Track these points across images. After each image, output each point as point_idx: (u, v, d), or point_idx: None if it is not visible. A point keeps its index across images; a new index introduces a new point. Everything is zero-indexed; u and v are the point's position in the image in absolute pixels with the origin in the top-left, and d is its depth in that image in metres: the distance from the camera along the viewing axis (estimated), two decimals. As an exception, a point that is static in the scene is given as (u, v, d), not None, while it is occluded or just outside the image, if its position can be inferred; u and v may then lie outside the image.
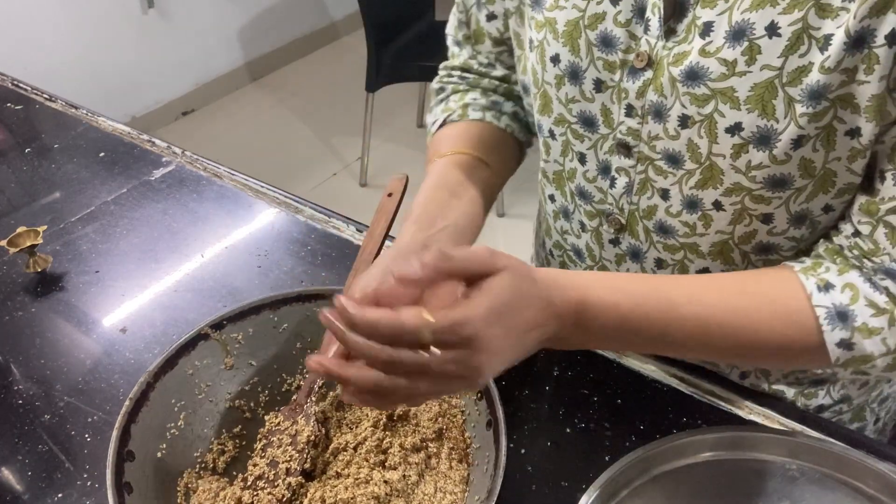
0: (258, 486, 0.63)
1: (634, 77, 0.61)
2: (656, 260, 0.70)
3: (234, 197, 1.02)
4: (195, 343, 0.69)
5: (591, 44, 0.62)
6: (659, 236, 0.68)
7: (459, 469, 0.63)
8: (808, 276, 0.58)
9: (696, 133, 0.58)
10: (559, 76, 0.65)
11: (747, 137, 0.56)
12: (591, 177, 0.70)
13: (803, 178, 0.58)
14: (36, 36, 2.69)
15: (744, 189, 0.59)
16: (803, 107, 0.53)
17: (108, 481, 0.57)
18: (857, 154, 0.55)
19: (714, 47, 0.55)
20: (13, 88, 1.32)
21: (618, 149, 0.66)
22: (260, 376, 0.72)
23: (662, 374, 0.73)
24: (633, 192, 0.67)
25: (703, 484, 0.60)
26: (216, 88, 3.37)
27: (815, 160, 0.56)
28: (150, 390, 0.65)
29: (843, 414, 0.79)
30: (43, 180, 1.09)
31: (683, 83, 0.57)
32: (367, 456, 0.63)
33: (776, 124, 0.54)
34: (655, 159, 0.63)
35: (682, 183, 0.62)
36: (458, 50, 0.83)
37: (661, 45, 0.58)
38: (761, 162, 0.57)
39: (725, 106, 0.55)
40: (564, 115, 0.68)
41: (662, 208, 0.66)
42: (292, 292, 0.72)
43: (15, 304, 0.87)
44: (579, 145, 0.69)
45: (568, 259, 0.80)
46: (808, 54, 0.52)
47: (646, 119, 0.62)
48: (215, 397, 0.70)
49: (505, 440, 0.58)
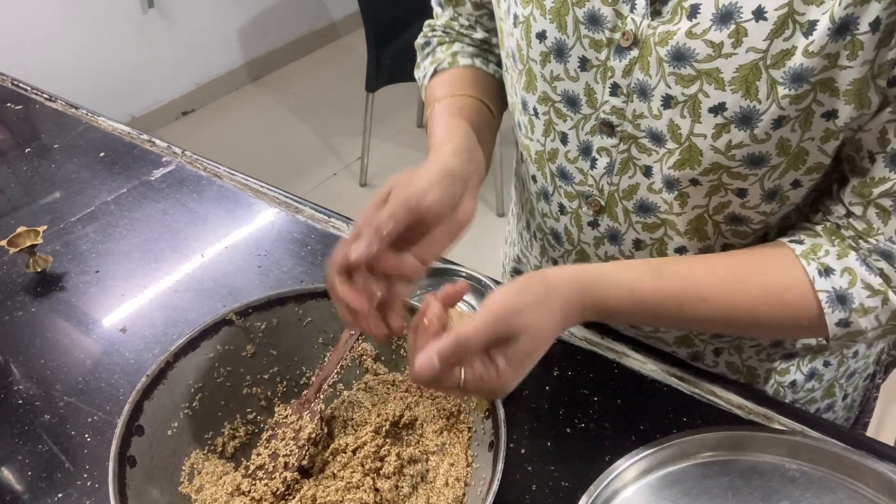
0: (257, 475, 0.64)
1: (621, 56, 0.61)
2: (634, 241, 0.71)
3: (234, 197, 1.02)
4: (219, 328, 0.69)
5: (578, 21, 0.62)
6: (638, 216, 0.69)
7: (455, 487, 0.62)
8: (810, 261, 0.60)
9: (679, 113, 0.60)
10: (545, 53, 0.66)
11: (730, 117, 0.58)
12: (573, 157, 0.71)
13: (779, 157, 0.60)
14: (36, 36, 2.69)
15: (721, 167, 0.61)
16: (785, 89, 0.55)
17: (112, 451, 0.58)
18: (831, 135, 0.58)
19: (701, 29, 0.56)
20: (13, 88, 1.32)
21: (601, 128, 0.66)
22: (280, 367, 0.73)
23: (662, 374, 0.73)
24: (613, 172, 0.68)
25: (703, 484, 0.60)
26: (216, 88, 3.37)
27: (791, 140, 0.58)
28: (168, 369, 0.66)
29: (814, 391, 0.82)
30: (43, 180, 1.09)
31: (670, 63, 0.58)
32: (363, 461, 0.63)
33: (758, 105, 0.56)
34: (640, 137, 0.64)
35: (662, 162, 0.64)
36: (440, 10, 0.85)
37: (646, 25, 0.59)
38: (741, 141, 0.59)
39: (710, 86, 0.57)
40: (548, 94, 0.68)
41: (645, 185, 0.67)
42: (319, 287, 0.72)
43: (15, 304, 0.87)
44: (562, 125, 0.69)
45: (547, 243, 0.81)
46: (792, 38, 0.53)
47: (631, 97, 0.62)
48: (233, 383, 0.71)
49: (502, 464, 0.57)
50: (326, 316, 0.73)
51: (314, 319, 0.73)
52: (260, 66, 3.53)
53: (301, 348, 0.73)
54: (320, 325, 0.73)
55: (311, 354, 0.73)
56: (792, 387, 0.80)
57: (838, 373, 0.82)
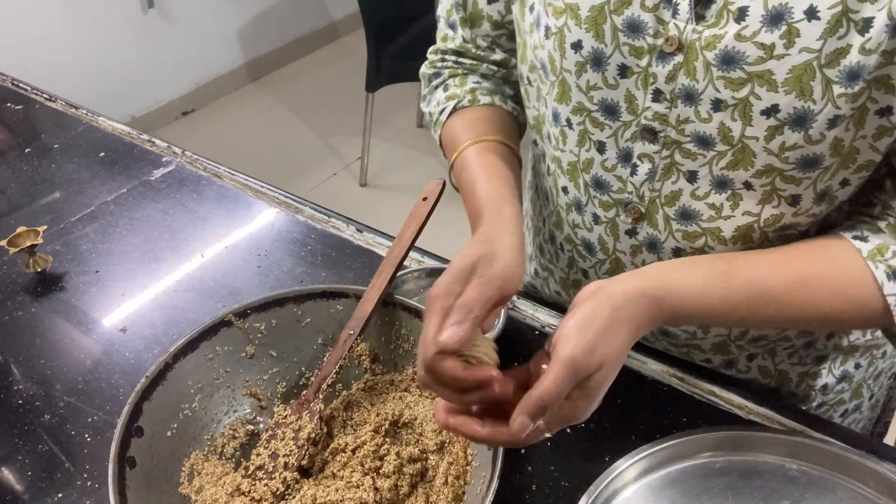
0: (257, 475, 0.64)
1: (664, 62, 0.60)
2: (674, 250, 0.70)
3: (234, 197, 1.02)
4: (217, 329, 0.70)
5: (616, 29, 0.61)
6: (679, 223, 0.68)
7: (455, 486, 0.62)
8: (877, 264, 0.60)
9: (730, 116, 0.59)
10: (581, 63, 0.65)
11: (783, 119, 0.57)
12: (611, 165, 0.69)
13: (832, 157, 0.59)
14: (36, 36, 2.69)
15: (775, 170, 0.60)
16: (841, 87, 0.55)
17: (112, 452, 0.58)
18: (884, 132, 0.57)
19: (750, 31, 0.55)
20: (13, 88, 1.32)
21: (642, 135, 0.65)
22: (279, 367, 0.73)
23: (662, 374, 0.73)
24: (655, 178, 0.67)
25: (703, 484, 0.60)
26: (216, 88, 3.37)
27: (844, 139, 0.58)
28: (167, 370, 0.66)
29: (843, 393, 0.81)
30: (43, 180, 1.09)
31: (718, 67, 0.57)
32: (362, 460, 0.63)
33: (813, 105, 0.56)
34: (684, 142, 0.63)
35: (713, 164, 0.63)
36: (452, 33, 0.82)
37: (690, 29, 0.58)
38: (796, 143, 0.58)
39: (762, 89, 0.57)
40: (584, 104, 0.67)
41: (688, 192, 0.66)
42: (317, 288, 0.73)
43: (15, 304, 0.87)
44: (598, 134, 0.68)
45: (577, 254, 0.80)
46: (847, 36, 0.53)
47: (675, 103, 0.62)
48: (233, 384, 0.71)
49: (502, 462, 0.57)
50: (325, 316, 0.73)
51: (313, 320, 0.73)
52: (260, 66, 3.53)
53: (300, 349, 0.73)
54: (319, 326, 0.73)
55: (310, 355, 0.73)
56: (823, 390, 0.79)
57: (867, 374, 0.81)
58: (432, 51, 0.84)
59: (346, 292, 0.72)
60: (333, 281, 0.87)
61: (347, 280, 0.87)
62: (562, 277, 0.85)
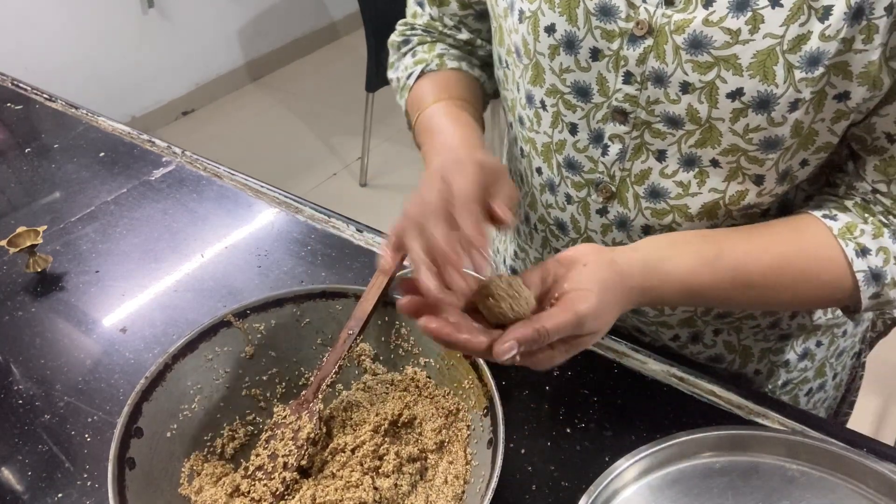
0: (257, 476, 0.64)
1: (634, 45, 0.62)
2: (643, 227, 0.72)
3: (234, 197, 1.02)
4: (217, 329, 0.70)
5: (589, 13, 0.63)
6: (648, 201, 0.70)
7: (454, 485, 0.62)
8: (847, 242, 0.63)
9: (697, 98, 0.61)
10: (554, 46, 0.66)
11: (747, 102, 0.59)
12: (583, 146, 0.71)
13: (792, 139, 0.61)
14: (36, 36, 2.69)
15: (740, 150, 0.63)
16: (801, 72, 0.57)
17: (111, 454, 0.58)
18: (841, 116, 0.60)
19: (717, 17, 0.57)
20: (13, 88, 1.32)
21: (613, 116, 0.67)
22: (278, 368, 0.73)
23: (662, 374, 0.73)
24: (626, 157, 0.69)
25: (703, 484, 0.60)
26: (216, 88, 3.37)
27: (804, 122, 0.60)
28: (167, 371, 0.66)
29: (807, 371, 0.84)
30: (43, 180, 1.09)
31: (687, 51, 0.59)
32: (362, 460, 0.63)
33: (776, 89, 0.58)
34: (653, 123, 0.65)
35: (681, 143, 0.65)
36: (420, 10, 0.84)
37: (660, 14, 0.60)
38: (759, 125, 0.60)
39: (728, 72, 0.58)
40: (557, 86, 0.69)
41: (657, 170, 0.68)
42: (316, 288, 0.73)
43: (15, 304, 0.87)
44: (571, 115, 0.70)
45: (550, 234, 0.81)
46: (808, 23, 0.55)
47: (645, 85, 0.63)
48: (232, 384, 0.71)
49: (501, 462, 0.57)
50: (325, 316, 0.73)
51: (312, 320, 0.73)
52: (260, 66, 3.53)
53: (299, 349, 0.73)
54: (318, 326, 0.73)
55: (309, 355, 0.73)
56: (785, 366, 0.82)
57: (829, 352, 0.84)
58: (401, 23, 0.86)
59: (345, 292, 0.72)
60: (333, 281, 0.87)
61: (347, 280, 0.87)
62: (536, 258, 0.87)
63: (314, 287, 0.73)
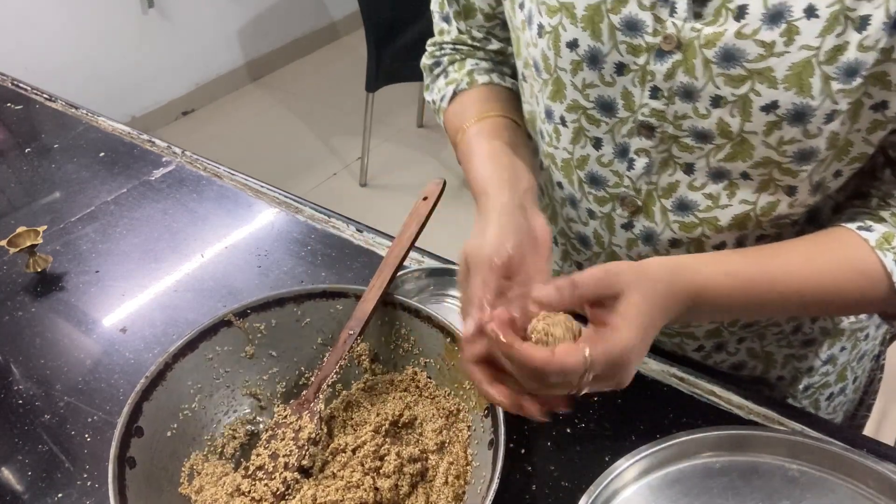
0: (257, 476, 0.64)
1: (662, 60, 0.61)
2: (670, 241, 0.70)
3: (234, 197, 1.02)
4: (217, 329, 0.70)
5: (614, 28, 0.61)
6: (676, 214, 0.68)
7: (455, 486, 0.62)
8: (885, 252, 0.61)
9: (729, 112, 0.60)
10: (576, 61, 0.65)
11: (782, 115, 0.58)
12: (607, 161, 0.70)
13: (828, 150, 0.60)
14: (36, 36, 2.69)
15: (773, 162, 0.61)
16: (839, 84, 0.56)
17: (112, 453, 0.58)
18: (878, 126, 0.59)
19: (750, 29, 0.56)
20: (13, 88, 1.32)
21: (639, 130, 0.66)
22: (279, 367, 0.73)
23: (662, 374, 0.73)
24: (653, 171, 0.67)
25: (703, 484, 0.60)
26: (216, 88, 3.37)
27: (840, 133, 0.59)
28: (167, 370, 0.66)
29: (829, 375, 0.83)
30: (43, 180, 1.09)
31: (718, 64, 0.58)
32: (362, 460, 0.63)
33: (812, 101, 0.57)
34: (681, 137, 0.64)
35: (710, 156, 0.64)
36: (447, 26, 0.83)
37: (689, 28, 0.58)
38: (794, 137, 0.59)
39: (762, 85, 0.57)
40: (579, 101, 0.67)
41: (685, 183, 0.66)
42: (317, 288, 0.73)
43: (15, 304, 0.87)
44: (594, 130, 0.68)
45: (571, 248, 0.80)
46: (845, 34, 0.54)
47: (672, 100, 0.62)
48: (233, 384, 0.71)
49: (502, 463, 0.57)
50: (325, 316, 0.73)
51: (313, 320, 0.73)
52: (260, 66, 3.53)
53: (300, 349, 0.73)
54: (319, 326, 0.73)
55: (309, 355, 0.73)
56: (808, 372, 0.81)
57: (851, 356, 0.83)
58: (430, 43, 0.85)
59: (345, 292, 0.72)
60: (333, 281, 0.87)
61: (347, 280, 0.87)
62: (556, 271, 0.86)
63: (315, 287, 0.73)
